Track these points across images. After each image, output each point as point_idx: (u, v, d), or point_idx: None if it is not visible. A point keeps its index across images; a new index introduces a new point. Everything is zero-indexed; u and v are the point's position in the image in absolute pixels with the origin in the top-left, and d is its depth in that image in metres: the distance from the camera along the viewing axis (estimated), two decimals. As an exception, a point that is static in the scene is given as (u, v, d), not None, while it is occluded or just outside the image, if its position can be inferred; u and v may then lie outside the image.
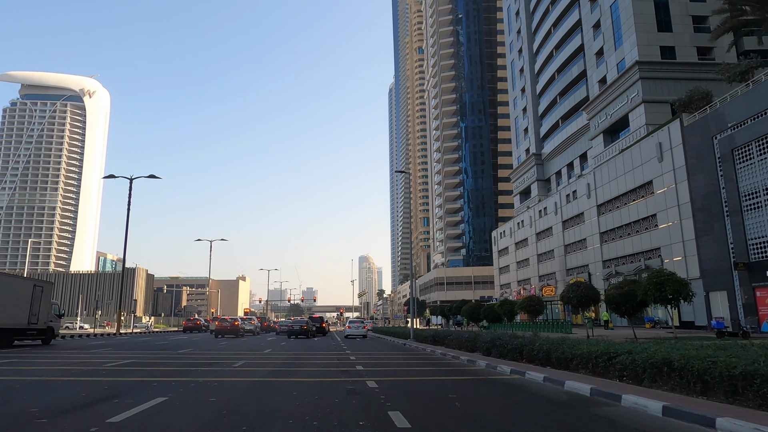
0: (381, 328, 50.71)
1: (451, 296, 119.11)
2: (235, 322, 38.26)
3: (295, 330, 38.19)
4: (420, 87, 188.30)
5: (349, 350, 22.30)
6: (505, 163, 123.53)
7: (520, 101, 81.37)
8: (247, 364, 15.64)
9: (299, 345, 27.34)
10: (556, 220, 59.37)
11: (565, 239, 57.40)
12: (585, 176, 53.44)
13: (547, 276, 62.23)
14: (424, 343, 25.86)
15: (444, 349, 21.15)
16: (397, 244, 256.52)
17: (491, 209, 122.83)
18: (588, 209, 52.08)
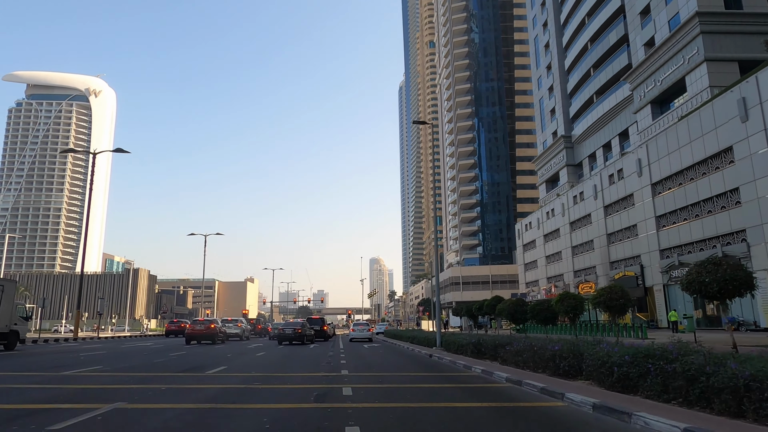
0: (395, 331, 41.92)
1: (467, 296, 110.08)
2: (211, 325, 29.83)
3: (287, 335, 29.77)
4: (431, 82, 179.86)
5: (348, 369, 13.85)
6: (524, 155, 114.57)
7: (546, 80, 72.56)
8: (118, 411, 7.15)
9: (280, 357, 18.89)
10: (595, 206, 50.42)
11: (608, 227, 48.44)
12: (634, 151, 44.49)
13: (584, 271, 53.28)
14: (461, 354, 17.33)
15: (503, 368, 12.58)
16: (408, 245, 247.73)
17: (509, 204, 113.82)
18: (639, 190, 43.15)
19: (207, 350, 23.42)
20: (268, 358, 18.31)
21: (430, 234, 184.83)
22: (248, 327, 39.26)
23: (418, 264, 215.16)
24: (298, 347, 27.13)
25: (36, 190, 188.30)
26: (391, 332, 42.84)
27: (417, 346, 25.50)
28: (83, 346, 27.82)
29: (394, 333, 40.02)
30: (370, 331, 40.54)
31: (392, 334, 40.61)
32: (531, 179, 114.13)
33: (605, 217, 48.86)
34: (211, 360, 16.87)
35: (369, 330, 40.21)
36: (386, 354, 21.51)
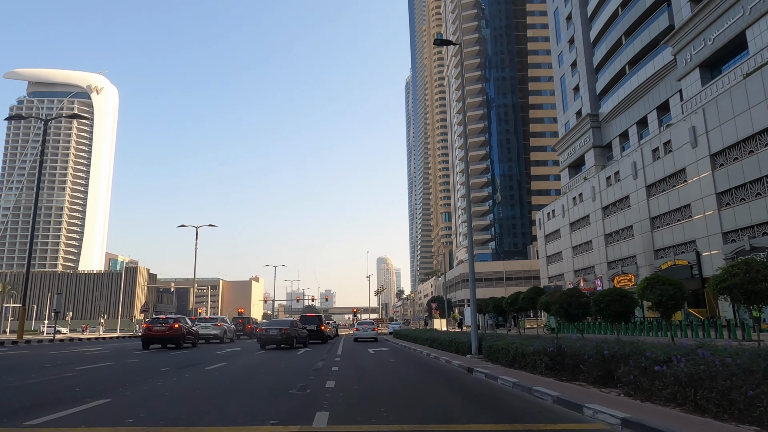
0: (407, 331, 35.00)
1: (480, 294, 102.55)
2: (175, 324, 23.11)
3: (270, 337, 23.13)
4: (439, 75, 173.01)
5: (334, 404, 7.12)
6: (539, 144, 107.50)
7: (567, 55, 65.42)
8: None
9: (233, 376, 12.11)
10: (635, 186, 43.34)
11: (652, 210, 41.34)
12: (687, 118, 37.39)
13: (621, 261, 46.18)
14: (521, 370, 10.51)
15: (645, 406, 5.76)
16: (416, 244, 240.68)
17: (523, 197, 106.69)
18: (693, 163, 36.05)
19: (159, 358, 16.71)
20: (214, 377, 11.49)
21: (439, 231, 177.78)
22: (231, 327, 32.56)
23: (426, 262, 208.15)
24: (282, 353, 20.41)
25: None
26: (402, 332, 35.97)
27: (441, 352, 18.65)
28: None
29: (406, 333, 33.17)
30: (375, 331, 37.48)
31: (403, 334, 33.78)
32: (546, 170, 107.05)
33: (648, 198, 41.75)
34: (92, 385, 10.04)
35: (374, 329, 37.26)
36: (400, 366, 14.68)
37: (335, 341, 36.10)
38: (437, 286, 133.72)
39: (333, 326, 46.00)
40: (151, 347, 23.66)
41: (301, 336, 25.55)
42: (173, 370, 12.84)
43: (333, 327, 45.26)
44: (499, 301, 32.25)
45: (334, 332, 45.82)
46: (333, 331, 43.60)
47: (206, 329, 29.66)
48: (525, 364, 10.64)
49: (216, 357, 17.93)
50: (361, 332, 36.38)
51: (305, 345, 26.23)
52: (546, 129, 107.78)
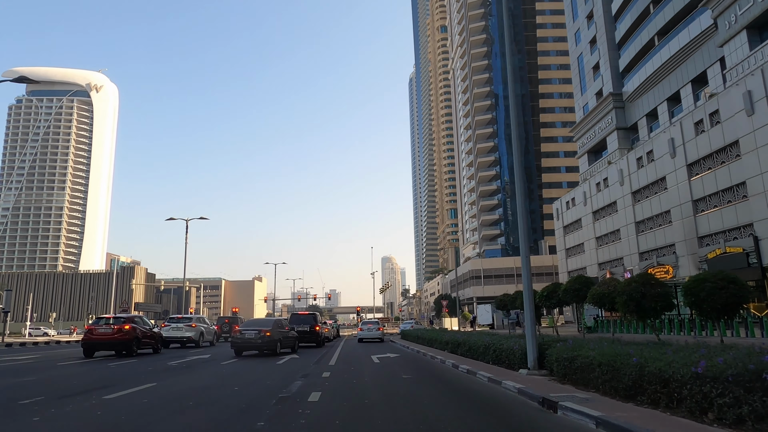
0: (418, 332, 29.24)
1: (489, 291, 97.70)
2: (125, 326, 17.93)
3: (247, 341, 18.03)
4: (443, 68, 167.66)
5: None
6: (550, 135, 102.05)
7: (586, 32, 60.02)
8: None
9: (166, 400, 6.99)
10: (673, 166, 37.93)
11: (694, 191, 35.92)
12: (740, 83, 31.97)
13: (656, 251, 40.77)
14: (652, 408, 5.30)
15: None
16: (421, 242, 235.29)
17: (534, 189, 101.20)
18: (749, 134, 30.66)
19: (70, 374, 11.55)
20: (92, 419, 6.28)
21: (444, 228, 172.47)
22: (211, 328, 27.32)
23: (431, 261, 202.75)
24: (257, 363, 15.24)
25: (37, 189, 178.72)
26: (413, 333, 30.63)
27: (475, 363, 13.35)
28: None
29: (417, 334, 27.83)
30: (381, 330, 35.26)
31: (414, 335, 28.46)
32: (558, 162, 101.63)
33: (689, 178, 36.33)
34: None
35: (379, 329, 35.08)
36: (419, 388, 9.43)
37: (334, 344, 30.90)
38: (444, 284, 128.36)
39: (333, 326, 40.78)
40: (97, 355, 18.50)
41: (289, 339, 20.34)
42: (46, 402, 7.65)
43: (333, 327, 40.06)
44: (537, 294, 26.80)
45: (334, 333, 40.63)
46: (333, 332, 38.40)
47: (176, 331, 24.42)
48: (679, 400, 5.39)
49: (153, 373, 12.71)
50: (365, 332, 34.02)
51: (294, 350, 21.04)
52: (557, 119, 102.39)
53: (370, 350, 22.35)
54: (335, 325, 44.27)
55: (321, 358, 17.78)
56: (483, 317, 55.32)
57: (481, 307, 56.47)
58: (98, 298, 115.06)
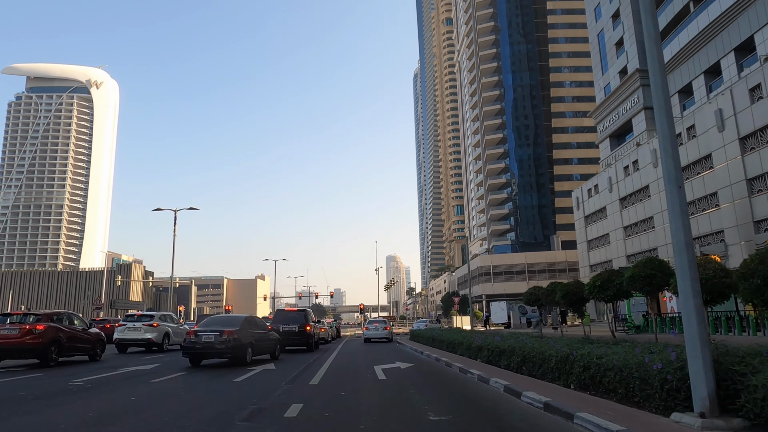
0: (433, 333, 23.55)
1: (499, 289, 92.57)
2: (38, 325, 12.96)
3: (206, 346, 13.05)
4: (449, 63, 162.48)
5: None
6: (562, 125, 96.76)
7: (607, 6, 54.77)
8: None
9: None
10: (721, 141, 32.75)
11: (749, 169, 30.74)
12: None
13: (699, 239, 35.53)
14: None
15: None
16: (426, 240, 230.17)
17: (546, 182, 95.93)
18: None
19: None
20: None
21: (450, 225, 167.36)
22: (181, 328, 22.17)
23: (437, 258, 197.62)
24: (206, 378, 10.25)
25: (37, 187, 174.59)
26: (426, 334, 25.22)
27: (546, 387, 8.02)
28: None
29: (432, 335, 22.39)
30: (387, 330, 32.26)
31: (428, 336, 23.12)
32: (571, 153, 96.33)
33: (742, 154, 31.13)
34: None
35: (386, 328, 32.20)
36: None
37: (330, 346, 25.90)
38: (451, 281, 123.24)
39: (331, 326, 35.79)
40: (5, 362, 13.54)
41: (266, 342, 15.31)
42: None
43: (331, 327, 35.05)
44: (573, 287, 21.50)
45: (333, 333, 35.63)
46: (331, 332, 33.40)
47: (134, 332, 19.38)
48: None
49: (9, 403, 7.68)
50: (371, 332, 31.70)
51: (274, 356, 16.03)
52: (568, 108, 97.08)
53: (374, 356, 17.32)
54: (334, 324, 39.22)
55: (304, 370, 12.77)
56: (497, 315, 50.21)
57: (494, 304, 51.42)
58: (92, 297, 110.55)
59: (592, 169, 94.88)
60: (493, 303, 52.16)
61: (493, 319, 49.95)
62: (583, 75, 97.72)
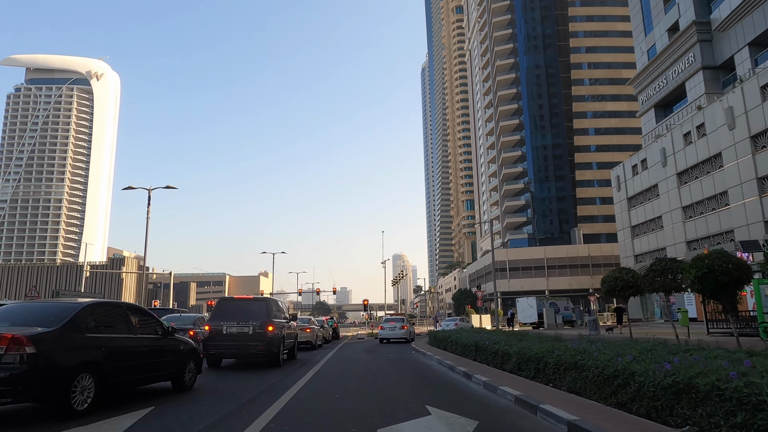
0: (473, 339, 13.95)
1: (516, 285, 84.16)
2: None
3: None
4: (459, 52, 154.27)
5: None
6: (584, 110, 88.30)
7: (652, -46, 46.39)
8: None
9: None
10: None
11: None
12: None
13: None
14: None
15: None
16: (434, 237, 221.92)
17: (566, 171, 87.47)
18: None
19: None
20: None
21: (460, 221, 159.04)
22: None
23: (445, 256, 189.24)
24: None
25: (36, 180, 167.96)
26: (465, 340, 15.21)
27: None
28: None
29: (477, 344, 13.28)
30: (405, 329, 27.62)
31: (470, 344, 13.92)
32: (593, 140, 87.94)
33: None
34: None
35: (403, 327, 27.59)
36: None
37: (317, 355, 17.88)
38: (462, 278, 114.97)
39: (324, 326, 27.68)
40: None
41: (147, 361, 7.27)
42: None
43: (323, 327, 26.95)
44: (720, 261, 12.97)
45: (326, 335, 27.57)
46: (321, 334, 25.29)
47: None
48: None
49: None
50: (387, 332, 27.58)
51: (181, 381, 8.13)
52: (590, 92, 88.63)
53: (379, 384, 9.36)
54: (329, 323, 31.04)
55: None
56: (525, 313, 41.91)
57: (521, 300, 43.16)
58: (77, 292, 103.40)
59: (618, 157, 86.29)
60: (520, 299, 43.83)
61: (520, 317, 41.69)
62: (606, 56, 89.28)
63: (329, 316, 30.82)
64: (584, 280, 79.20)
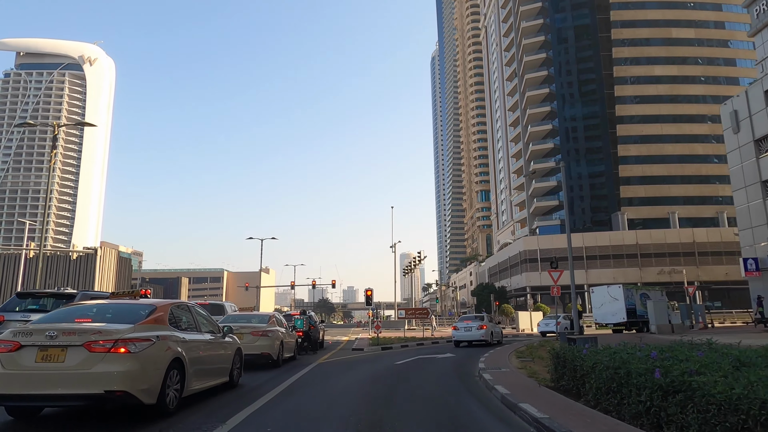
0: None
1: (548, 278, 69.90)
2: None
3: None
4: (474, 31, 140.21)
5: None
6: (627, 74, 73.82)
7: None
8: None
9: None
10: None
11: None
12: None
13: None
14: None
15: None
16: (444, 233, 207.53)
17: (606, 147, 72.93)
18: None
19: None
20: None
21: (473, 213, 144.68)
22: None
23: (457, 252, 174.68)
24: None
25: (25, 170, 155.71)
26: None
27: None
28: None
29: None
30: (484, 329, 21.10)
31: None
32: (638, 109, 73.56)
33: None
34: None
35: (482, 327, 21.12)
36: None
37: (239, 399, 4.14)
38: (479, 273, 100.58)
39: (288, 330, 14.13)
40: None
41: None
42: None
43: (287, 332, 13.47)
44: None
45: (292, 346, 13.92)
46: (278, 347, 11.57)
47: None
48: None
49: None
50: (462, 332, 21.22)
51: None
52: (637, 54, 74.17)
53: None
54: (298, 324, 17.12)
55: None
56: (604, 310, 27.62)
57: (599, 290, 28.86)
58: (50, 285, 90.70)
59: (667, 129, 71.96)
60: (597, 288, 29.43)
61: (596, 314, 27.32)
62: (654, 12, 74.95)
63: (305, 314, 16.09)
64: (632, 273, 64.76)
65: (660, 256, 66.26)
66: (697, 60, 73.82)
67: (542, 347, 16.00)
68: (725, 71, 74.05)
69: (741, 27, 71.62)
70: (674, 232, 67.29)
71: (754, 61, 66.97)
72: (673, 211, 69.47)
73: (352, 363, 14.08)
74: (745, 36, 75.54)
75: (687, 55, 73.56)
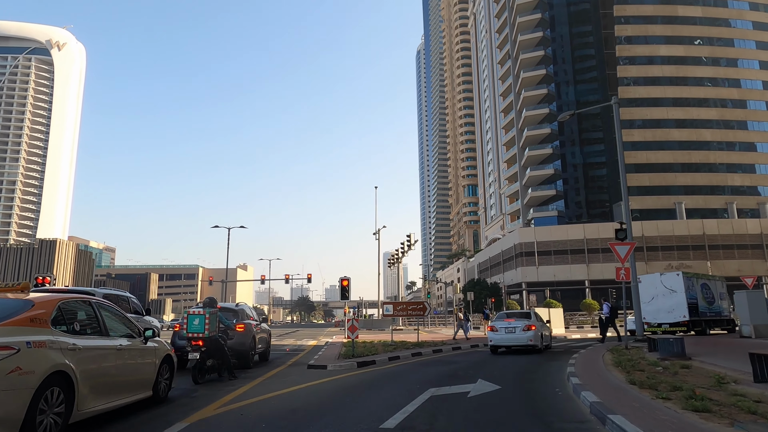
0: None
1: (547, 274, 62.98)
2: None
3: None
4: (461, 21, 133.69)
5: None
6: (630, 54, 67.63)
7: None
8: None
9: None
10: None
11: None
12: None
13: None
14: None
15: None
16: (428, 230, 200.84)
17: (608, 132, 66.68)
18: None
19: None
20: None
21: (460, 209, 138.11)
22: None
23: (441, 249, 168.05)
24: None
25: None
26: None
27: None
28: None
29: None
30: (532, 330, 15.57)
31: None
32: (643, 91, 67.44)
33: None
34: None
35: (530, 328, 15.59)
36: None
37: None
38: (468, 269, 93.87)
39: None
40: None
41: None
42: None
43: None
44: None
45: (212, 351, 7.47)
46: None
47: None
48: None
49: None
50: (503, 335, 15.72)
51: None
52: (640, 32, 68.08)
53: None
54: (220, 324, 9.75)
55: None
56: (655, 305, 20.49)
57: (649, 278, 21.71)
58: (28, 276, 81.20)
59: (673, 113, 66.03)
60: (645, 277, 22.26)
61: (646, 311, 20.15)
62: (658, -12, 69.05)
63: (205, 301, 7.85)
64: (638, 267, 58.18)
65: (667, 249, 60.15)
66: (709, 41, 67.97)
67: (642, 359, 8.84)
68: (735, 53, 68.33)
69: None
70: (682, 223, 61.28)
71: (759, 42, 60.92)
72: (679, 202, 63.49)
73: (298, 390, 6.71)
74: (752, 16, 70.13)
75: (693, 35, 67.78)
